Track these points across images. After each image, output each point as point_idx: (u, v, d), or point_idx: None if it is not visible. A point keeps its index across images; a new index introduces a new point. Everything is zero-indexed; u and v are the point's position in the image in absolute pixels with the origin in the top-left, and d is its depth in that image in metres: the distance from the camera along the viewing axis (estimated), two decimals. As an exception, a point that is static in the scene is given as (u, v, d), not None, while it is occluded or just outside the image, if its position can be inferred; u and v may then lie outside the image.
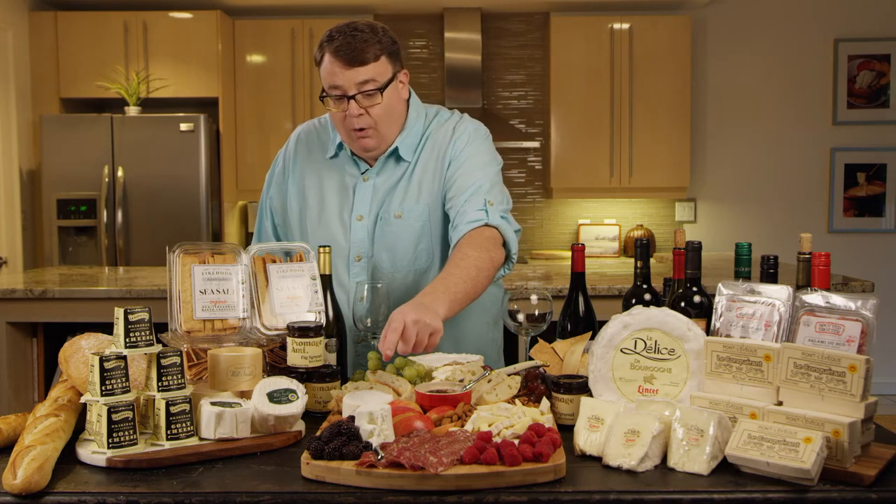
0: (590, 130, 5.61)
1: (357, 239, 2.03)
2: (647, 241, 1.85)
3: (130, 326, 1.46)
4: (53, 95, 5.38)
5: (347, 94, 1.91)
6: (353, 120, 1.93)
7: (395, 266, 2.03)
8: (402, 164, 2.04)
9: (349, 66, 1.89)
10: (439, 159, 2.03)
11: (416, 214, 2.02)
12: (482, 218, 1.93)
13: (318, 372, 1.69)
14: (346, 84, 1.90)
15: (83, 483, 1.32)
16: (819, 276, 1.56)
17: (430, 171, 2.03)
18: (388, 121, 1.97)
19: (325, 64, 1.92)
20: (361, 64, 1.89)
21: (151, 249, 5.09)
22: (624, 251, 5.91)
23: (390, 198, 2.03)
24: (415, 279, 2.04)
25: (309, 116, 5.55)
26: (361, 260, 2.03)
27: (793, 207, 5.91)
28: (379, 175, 2.05)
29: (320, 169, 2.10)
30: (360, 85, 1.90)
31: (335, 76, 1.90)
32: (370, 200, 2.03)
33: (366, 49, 1.89)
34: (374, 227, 2.02)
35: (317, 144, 2.14)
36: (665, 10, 5.80)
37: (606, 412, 1.44)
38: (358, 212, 2.04)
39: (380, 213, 2.02)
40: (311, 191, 2.10)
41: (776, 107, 5.88)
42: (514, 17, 5.91)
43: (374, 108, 1.93)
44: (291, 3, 5.55)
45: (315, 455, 1.33)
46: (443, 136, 2.05)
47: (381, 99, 1.93)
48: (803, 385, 1.38)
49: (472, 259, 1.85)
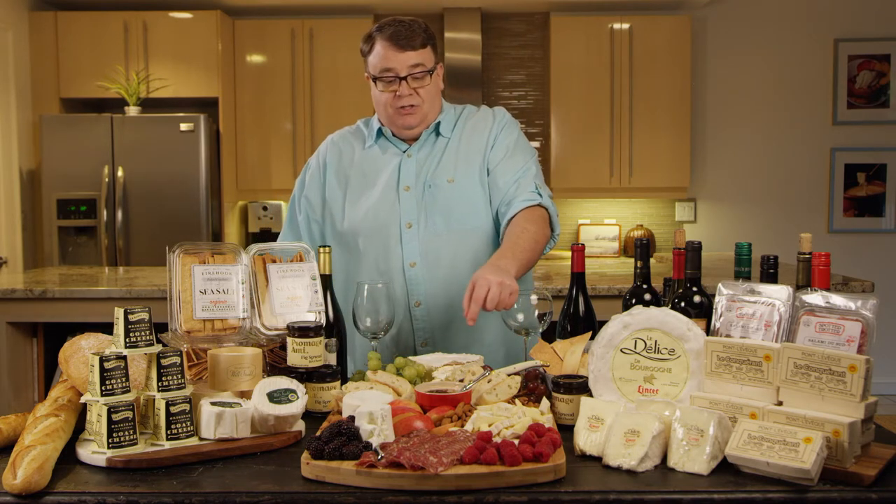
0: (590, 130, 5.61)
1: (406, 208, 2.13)
2: (647, 241, 1.85)
3: (130, 326, 1.46)
4: (53, 95, 5.38)
5: (399, 76, 2.08)
6: (402, 99, 2.10)
7: (449, 227, 2.12)
8: (440, 140, 2.20)
9: (402, 51, 2.07)
10: (483, 137, 2.19)
11: (469, 178, 2.15)
12: (536, 199, 2.11)
13: (318, 372, 1.69)
14: (399, 66, 2.07)
15: (83, 483, 1.32)
16: (819, 276, 1.56)
17: (474, 144, 2.19)
18: (431, 101, 2.15)
19: (376, 50, 2.09)
20: (412, 48, 2.07)
21: (151, 249, 5.09)
22: (624, 251, 5.91)
23: (436, 167, 2.15)
24: (469, 239, 2.13)
25: (309, 116, 5.56)
26: (412, 227, 2.12)
27: (793, 207, 5.91)
28: (420, 151, 2.19)
29: (360, 158, 2.22)
30: (412, 67, 2.08)
31: (388, 60, 2.08)
32: (415, 172, 2.16)
33: (415, 36, 2.08)
34: (421, 195, 2.13)
35: (352, 142, 2.27)
36: (665, 10, 5.80)
37: (606, 412, 1.44)
38: (405, 183, 2.15)
39: (427, 181, 2.14)
40: (353, 176, 2.20)
41: (776, 107, 5.88)
42: (514, 17, 5.91)
43: (422, 89, 2.11)
44: (291, 3, 5.55)
45: (315, 455, 1.33)
46: (483, 118, 2.24)
47: (429, 81, 2.12)
48: (803, 385, 1.38)
49: (532, 233, 2.03)
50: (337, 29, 5.56)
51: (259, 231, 5.80)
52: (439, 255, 2.10)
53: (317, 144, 5.80)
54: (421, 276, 2.10)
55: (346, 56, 5.53)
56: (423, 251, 2.10)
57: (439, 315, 2.11)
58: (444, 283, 2.10)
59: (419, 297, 2.10)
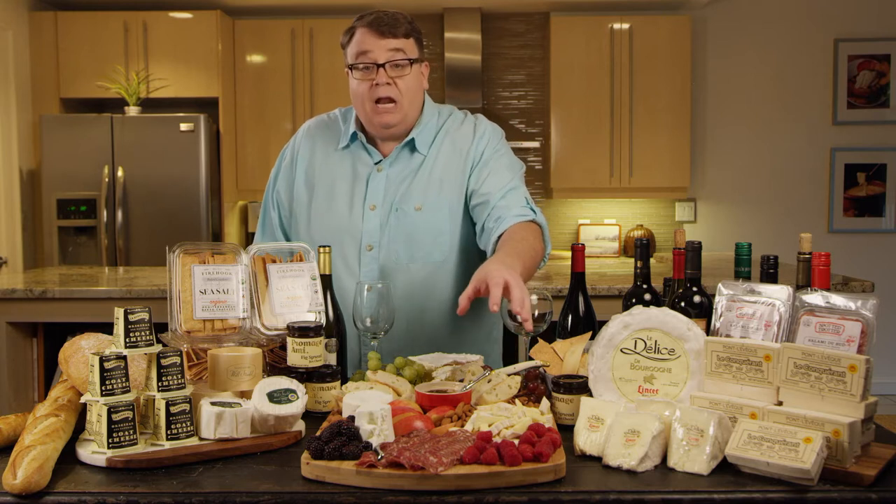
0: (590, 130, 5.61)
1: (369, 228, 2.03)
2: (647, 241, 1.85)
3: (130, 326, 1.46)
4: (53, 95, 5.38)
5: (378, 62, 1.95)
6: (379, 89, 1.96)
7: (411, 257, 2.03)
8: (416, 157, 2.07)
9: (382, 37, 1.95)
10: (462, 157, 2.07)
11: (438, 208, 2.03)
12: (529, 214, 2.00)
13: (318, 372, 1.69)
14: (378, 51, 1.95)
15: (83, 483, 1.32)
16: (819, 276, 1.56)
17: (452, 167, 2.06)
18: (411, 98, 2.01)
19: (356, 37, 1.98)
20: (393, 36, 1.96)
21: (151, 249, 5.09)
22: (624, 251, 5.91)
23: (406, 189, 2.04)
24: (430, 271, 2.04)
25: (309, 116, 5.54)
26: (373, 249, 2.03)
27: (793, 207, 5.91)
28: (392, 166, 2.07)
29: (331, 159, 2.11)
30: (392, 52, 1.96)
31: (366, 44, 1.96)
32: (383, 191, 2.04)
33: (398, 24, 1.97)
34: (387, 217, 2.03)
35: (327, 136, 2.15)
36: (665, 10, 5.80)
37: (606, 412, 1.44)
38: (371, 201, 2.04)
39: (394, 203, 2.03)
40: (321, 180, 2.10)
41: (776, 107, 5.88)
42: (514, 17, 5.91)
43: (401, 79, 1.98)
44: (291, 3, 5.55)
45: (315, 455, 1.33)
46: (464, 136, 2.10)
47: (409, 72, 1.98)
48: (803, 385, 1.38)
49: (530, 242, 1.91)
50: (337, 29, 5.55)
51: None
52: (397, 283, 1.98)
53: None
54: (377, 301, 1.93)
55: (346, 56, 5.52)
56: (381, 277, 2.01)
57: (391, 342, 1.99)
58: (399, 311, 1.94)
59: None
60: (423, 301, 2.04)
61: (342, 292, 1.97)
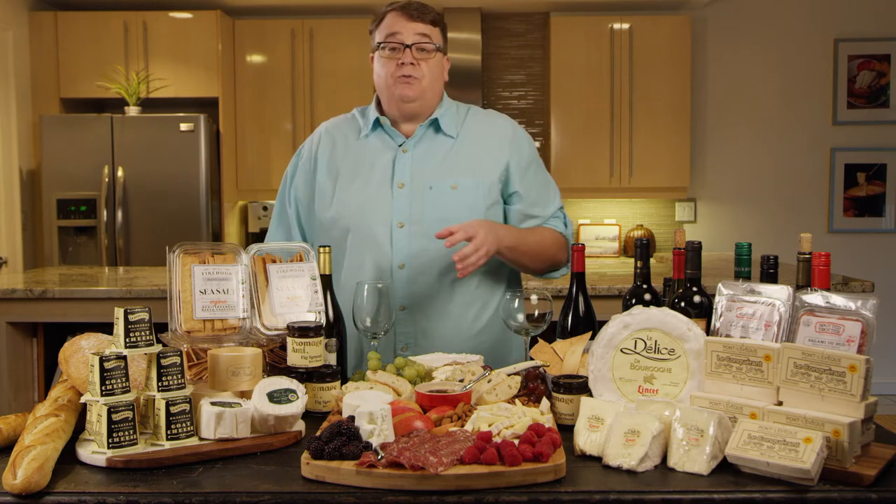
0: (590, 130, 5.61)
1: (399, 206, 2.08)
2: (647, 241, 1.85)
3: (130, 326, 1.46)
4: (53, 95, 5.38)
5: (405, 43, 2.06)
6: (404, 67, 2.06)
7: None
8: (444, 139, 2.14)
9: (411, 20, 2.07)
10: (500, 146, 2.16)
11: (474, 187, 2.10)
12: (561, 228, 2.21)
13: (318, 372, 1.69)
14: (406, 33, 2.06)
15: (83, 483, 1.32)
16: (819, 276, 1.56)
17: (489, 152, 2.14)
18: (431, 81, 2.11)
19: (386, 20, 2.09)
20: (422, 21, 2.08)
21: (151, 249, 5.09)
22: (624, 251, 5.91)
23: (436, 169, 2.10)
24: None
25: (309, 116, 5.55)
26: (404, 227, 2.07)
27: (793, 207, 5.91)
28: (417, 147, 2.13)
29: (353, 148, 2.17)
30: (419, 36, 2.07)
31: (396, 26, 2.07)
32: (410, 169, 2.10)
33: (427, 11, 2.10)
34: (418, 195, 2.08)
35: (346, 130, 2.21)
36: (665, 10, 5.80)
37: (606, 412, 1.44)
38: (399, 179, 2.09)
39: (427, 181, 2.09)
40: (344, 167, 2.15)
41: (776, 107, 5.88)
42: (514, 17, 5.91)
43: (425, 62, 2.08)
44: (291, 3, 5.55)
45: (315, 455, 1.33)
46: (501, 127, 2.21)
47: (433, 57, 2.10)
48: (803, 385, 1.38)
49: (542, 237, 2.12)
50: (337, 29, 5.56)
51: (259, 231, 5.80)
52: (430, 259, 2.05)
53: (317, 144, 5.77)
54: (408, 279, 2.06)
55: (346, 56, 5.52)
56: (412, 254, 2.06)
57: (423, 320, 2.07)
58: (431, 288, 2.06)
59: (404, 300, 2.06)
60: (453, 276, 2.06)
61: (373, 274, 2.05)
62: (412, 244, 2.06)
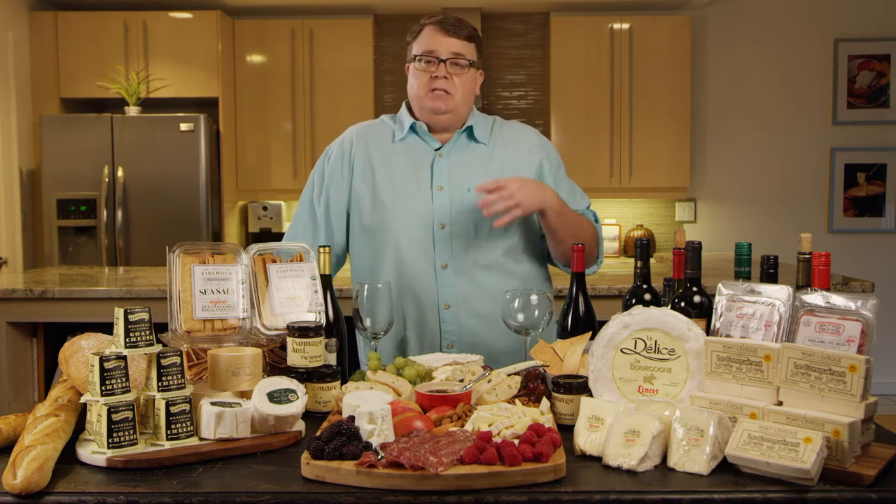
0: (590, 130, 5.60)
1: (439, 207, 2.14)
2: (647, 241, 1.85)
3: (130, 326, 1.46)
4: (53, 95, 5.38)
5: (440, 58, 2.12)
6: (437, 80, 2.12)
7: (488, 234, 2.14)
8: (476, 146, 2.21)
9: (447, 35, 2.13)
10: (530, 150, 2.25)
11: None
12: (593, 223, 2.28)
13: (318, 372, 1.69)
14: (442, 49, 2.12)
15: (83, 483, 1.32)
16: (819, 276, 1.56)
17: (519, 159, 2.22)
18: (464, 96, 2.16)
19: (423, 34, 2.16)
20: (457, 37, 2.13)
21: (151, 249, 5.08)
22: (624, 251, 5.91)
23: (471, 173, 2.16)
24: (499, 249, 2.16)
25: (309, 116, 5.55)
26: (445, 228, 2.13)
27: (793, 207, 5.91)
28: (452, 153, 2.19)
29: (388, 151, 2.21)
30: (453, 54, 2.13)
31: (432, 42, 2.13)
32: (448, 173, 2.16)
33: (463, 27, 2.15)
34: (457, 197, 2.13)
35: (377, 136, 2.25)
36: (665, 10, 5.80)
37: (606, 412, 1.44)
38: (438, 182, 2.16)
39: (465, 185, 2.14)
40: (380, 173, 2.18)
41: (776, 107, 5.88)
42: (514, 17, 5.91)
43: (458, 77, 2.14)
44: (291, 3, 5.55)
45: (315, 455, 1.33)
46: (529, 134, 2.30)
47: (467, 72, 2.15)
48: (803, 385, 1.38)
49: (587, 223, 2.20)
50: (337, 29, 5.56)
51: (259, 231, 5.80)
52: (474, 257, 2.12)
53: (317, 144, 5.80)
54: (452, 278, 2.11)
55: (346, 56, 5.52)
56: (454, 254, 2.11)
57: (468, 318, 2.12)
58: (475, 286, 2.12)
59: (449, 299, 2.11)
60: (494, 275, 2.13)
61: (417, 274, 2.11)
62: (454, 245, 2.12)
